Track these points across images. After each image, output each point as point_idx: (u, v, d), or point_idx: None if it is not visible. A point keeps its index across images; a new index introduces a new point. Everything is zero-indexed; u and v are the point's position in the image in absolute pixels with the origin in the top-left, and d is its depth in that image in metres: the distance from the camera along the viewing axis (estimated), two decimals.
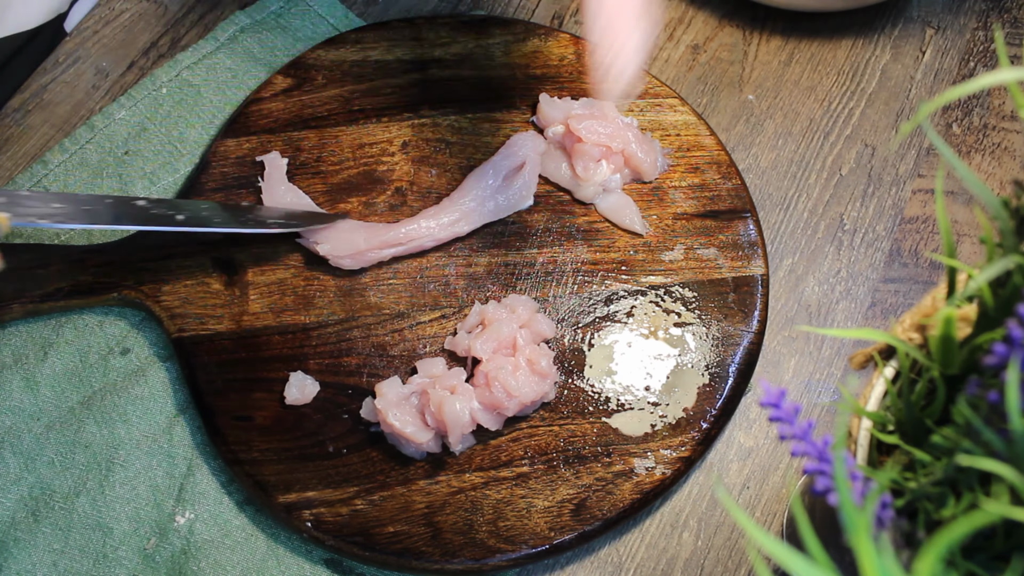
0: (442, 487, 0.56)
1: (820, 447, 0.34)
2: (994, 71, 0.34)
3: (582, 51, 0.68)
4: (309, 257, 0.61)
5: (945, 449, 0.36)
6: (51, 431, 0.58)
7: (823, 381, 0.62)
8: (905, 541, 0.37)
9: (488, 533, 0.55)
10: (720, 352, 0.59)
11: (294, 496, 0.55)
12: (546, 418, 0.57)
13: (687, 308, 0.61)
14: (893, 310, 0.64)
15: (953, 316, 0.36)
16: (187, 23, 0.71)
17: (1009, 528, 0.35)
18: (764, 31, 0.73)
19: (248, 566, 0.55)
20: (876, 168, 0.68)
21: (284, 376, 0.58)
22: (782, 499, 0.59)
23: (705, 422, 0.58)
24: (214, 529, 0.56)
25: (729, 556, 0.57)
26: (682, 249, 0.62)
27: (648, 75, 0.67)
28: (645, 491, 0.56)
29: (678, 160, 0.65)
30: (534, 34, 0.68)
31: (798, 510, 0.31)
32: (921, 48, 0.72)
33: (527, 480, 0.56)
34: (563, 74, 0.67)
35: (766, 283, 0.62)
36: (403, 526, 0.55)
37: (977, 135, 0.69)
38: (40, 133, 0.67)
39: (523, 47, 0.68)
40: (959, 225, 0.66)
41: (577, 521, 0.55)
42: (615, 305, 0.61)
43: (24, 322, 0.60)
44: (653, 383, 0.59)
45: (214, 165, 0.63)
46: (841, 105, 0.70)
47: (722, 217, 0.63)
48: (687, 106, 0.67)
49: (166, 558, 0.55)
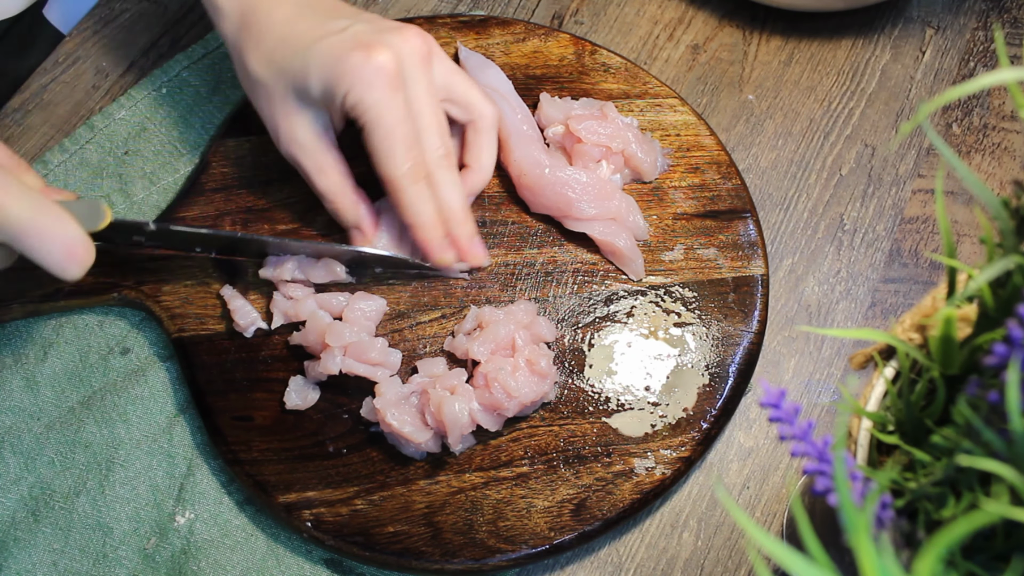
0: (442, 487, 0.56)
1: (820, 447, 0.34)
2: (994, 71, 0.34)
3: (582, 51, 0.68)
4: None
5: (945, 449, 0.36)
6: (51, 431, 0.58)
7: (823, 381, 0.62)
8: (905, 541, 0.37)
9: (488, 533, 0.55)
10: (720, 352, 0.59)
11: (294, 496, 0.55)
12: (546, 418, 0.57)
13: (687, 308, 0.61)
14: (893, 310, 0.64)
15: (953, 316, 0.36)
16: (187, 23, 0.71)
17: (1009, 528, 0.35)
18: (764, 31, 0.73)
19: (248, 566, 0.55)
20: (876, 168, 0.68)
21: (284, 376, 0.58)
22: (782, 499, 0.59)
23: (705, 422, 0.58)
24: (214, 529, 0.56)
25: (729, 556, 0.57)
26: (682, 249, 0.62)
27: (648, 75, 0.67)
28: (645, 491, 0.56)
29: (678, 160, 0.65)
30: (534, 34, 0.68)
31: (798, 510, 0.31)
32: (921, 48, 0.72)
33: (527, 480, 0.56)
34: (563, 74, 0.67)
35: (766, 283, 0.62)
36: (403, 526, 0.55)
37: (977, 135, 0.69)
38: (40, 133, 0.67)
39: (523, 47, 0.68)
40: (959, 225, 0.66)
41: (577, 521, 0.55)
42: (615, 305, 0.61)
43: (24, 322, 0.60)
44: (653, 383, 0.59)
45: (214, 165, 0.63)
46: (841, 105, 0.70)
47: (722, 217, 0.63)
48: (687, 106, 0.67)
49: (166, 558, 0.55)
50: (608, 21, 0.73)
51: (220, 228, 0.61)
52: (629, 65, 0.68)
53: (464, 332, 0.59)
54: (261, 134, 0.64)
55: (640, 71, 0.68)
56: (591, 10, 0.73)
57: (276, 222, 0.62)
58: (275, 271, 0.59)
